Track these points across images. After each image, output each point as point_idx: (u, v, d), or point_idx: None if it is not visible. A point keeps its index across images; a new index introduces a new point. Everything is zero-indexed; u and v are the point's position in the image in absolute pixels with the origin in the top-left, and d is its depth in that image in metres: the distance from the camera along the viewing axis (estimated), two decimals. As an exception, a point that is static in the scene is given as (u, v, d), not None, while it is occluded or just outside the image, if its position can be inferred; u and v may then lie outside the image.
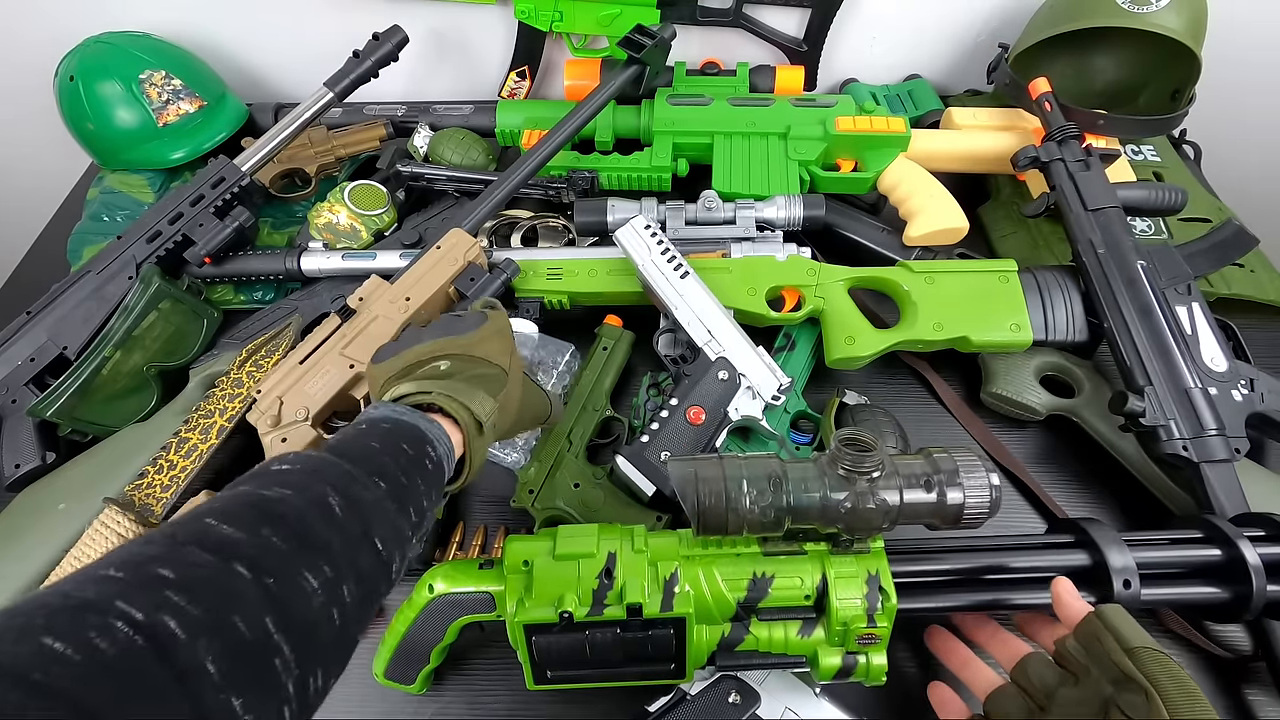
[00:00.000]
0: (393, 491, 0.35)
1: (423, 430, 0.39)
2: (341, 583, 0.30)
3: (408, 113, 0.89)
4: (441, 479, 0.39)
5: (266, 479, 0.32)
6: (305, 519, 0.30)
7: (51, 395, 0.61)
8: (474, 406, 0.42)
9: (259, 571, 0.26)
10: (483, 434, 0.42)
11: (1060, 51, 0.82)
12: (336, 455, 0.35)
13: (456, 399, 0.42)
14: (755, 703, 0.47)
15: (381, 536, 0.33)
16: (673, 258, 0.63)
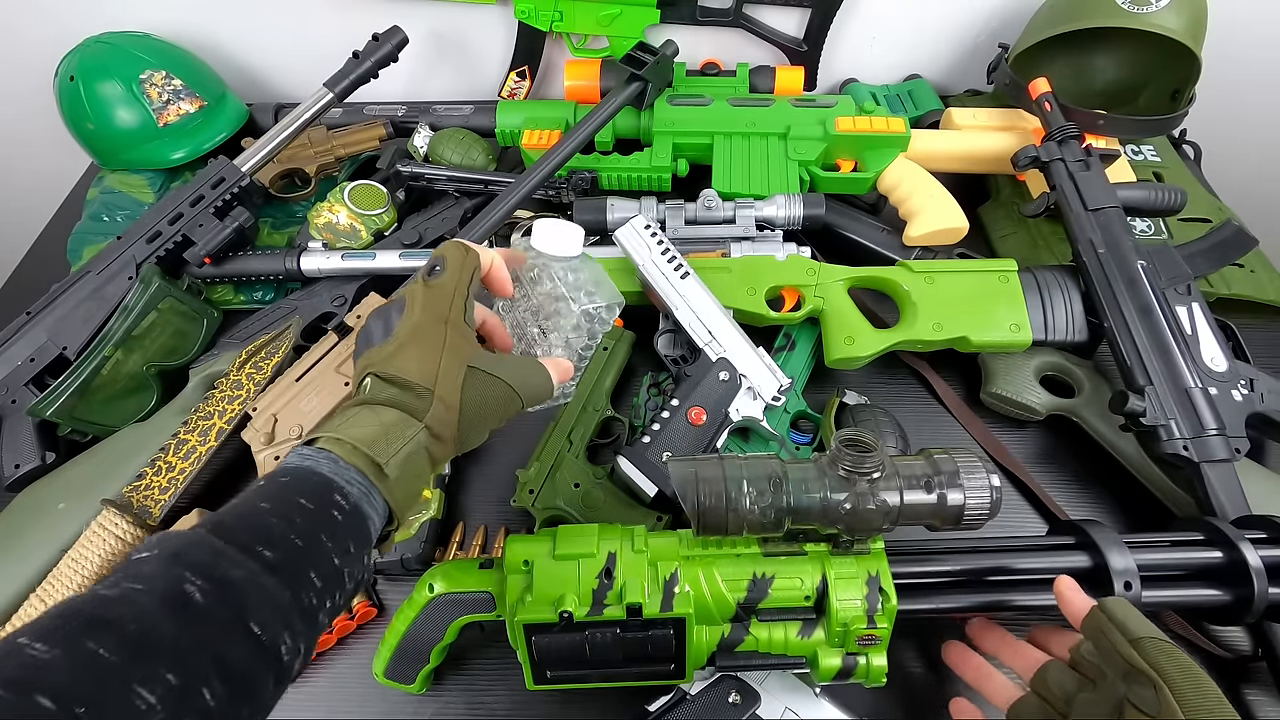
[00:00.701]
0: (280, 561, 0.30)
1: (326, 476, 0.34)
2: (197, 687, 0.25)
3: (408, 113, 0.89)
4: (362, 527, 0.35)
5: (119, 574, 0.27)
6: (147, 618, 0.25)
7: (51, 395, 0.61)
8: (371, 448, 0.36)
9: (67, 700, 0.22)
10: (386, 476, 0.36)
11: (1060, 51, 0.82)
12: (211, 528, 0.30)
13: (346, 440, 0.36)
14: (755, 703, 0.46)
15: (261, 619, 0.28)
16: (673, 258, 0.63)
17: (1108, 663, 0.39)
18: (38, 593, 0.54)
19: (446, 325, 0.41)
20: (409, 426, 0.37)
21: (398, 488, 0.36)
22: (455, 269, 0.43)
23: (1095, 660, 0.40)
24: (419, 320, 0.41)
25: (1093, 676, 0.40)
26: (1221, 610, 0.49)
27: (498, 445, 0.66)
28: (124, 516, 0.55)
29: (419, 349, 0.39)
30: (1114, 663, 0.38)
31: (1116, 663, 0.38)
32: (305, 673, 0.55)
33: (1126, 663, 0.37)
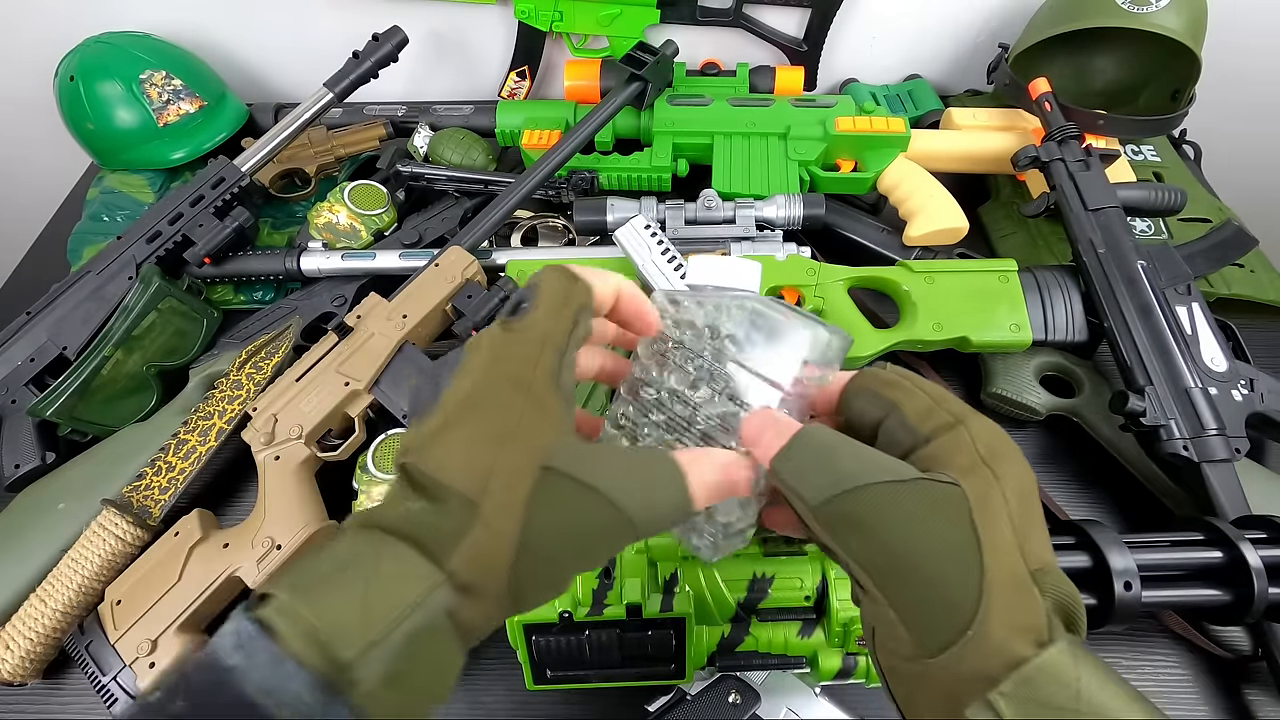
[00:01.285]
0: None
1: (249, 696, 0.20)
2: None
3: (408, 113, 0.89)
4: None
5: None
6: None
7: (51, 395, 0.61)
8: (335, 635, 0.22)
9: None
10: (355, 685, 0.21)
11: (1060, 51, 0.82)
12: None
13: (304, 614, 0.22)
14: (755, 703, 0.46)
15: None
16: (673, 258, 0.63)
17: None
18: (38, 593, 0.54)
19: (524, 394, 0.26)
20: (419, 581, 0.24)
21: (388, 700, 0.22)
22: (551, 305, 0.28)
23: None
24: (479, 384, 0.27)
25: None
26: (1221, 610, 0.49)
27: (498, 445, 0.66)
28: (124, 516, 0.55)
29: (469, 431, 0.26)
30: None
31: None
32: (305, 673, 0.55)
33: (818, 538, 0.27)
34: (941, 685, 0.23)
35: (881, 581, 0.24)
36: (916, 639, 0.24)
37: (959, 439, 0.26)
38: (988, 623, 0.23)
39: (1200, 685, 0.53)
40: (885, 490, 0.25)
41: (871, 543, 0.24)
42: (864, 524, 0.25)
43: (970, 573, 0.23)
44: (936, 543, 0.24)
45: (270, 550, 0.53)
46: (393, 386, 0.61)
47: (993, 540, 0.24)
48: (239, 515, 0.61)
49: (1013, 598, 0.23)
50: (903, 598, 0.24)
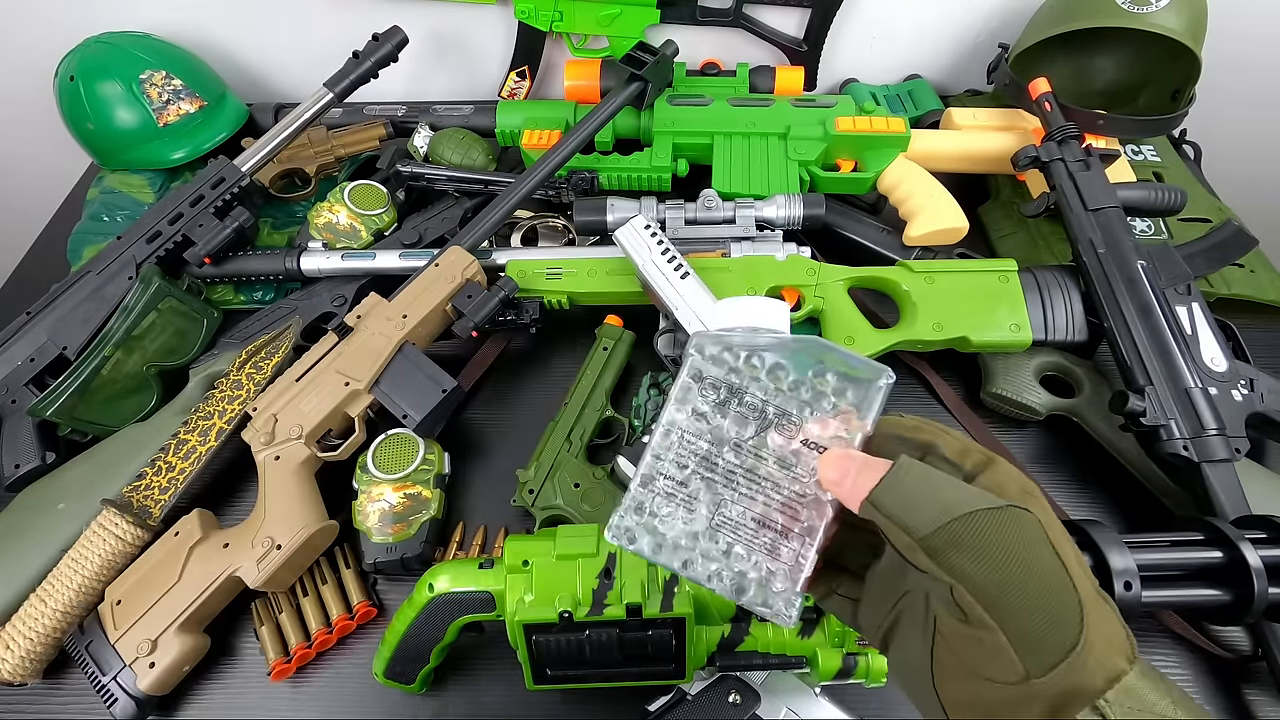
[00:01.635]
0: None
1: None
2: None
3: (408, 113, 0.89)
4: None
5: None
6: None
7: (51, 395, 0.61)
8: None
9: None
10: None
11: (1060, 51, 0.82)
12: None
13: None
14: (755, 703, 0.46)
15: None
16: (673, 257, 0.63)
17: (899, 569, 0.29)
18: (38, 593, 0.54)
19: None
20: None
21: None
22: None
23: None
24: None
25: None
26: (1221, 610, 0.49)
27: (497, 445, 0.66)
28: (124, 516, 0.56)
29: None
30: (904, 570, 0.28)
31: (907, 570, 0.28)
32: (305, 673, 0.55)
33: (916, 567, 0.27)
34: (1042, 705, 0.24)
35: (994, 604, 0.24)
36: (1028, 660, 0.24)
37: (1002, 474, 0.27)
38: (1090, 639, 0.23)
39: (1200, 685, 0.53)
40: (990, 516, 0.25)
41: (984, 567, 0.25)
42: (976, 549, 0.25)
43: (1068, 591, 0.24)
44: (1038, 565, 0.25)
45: (270, 550, 0.53)
46: (393, 386, 0.61)
47: (1070, 561, 0.25)
48: (239, 515, 0.61)
49: (1100, 613, 0.24)
50: (1015, 619, 0.24)
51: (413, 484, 0.58)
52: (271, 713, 0.53)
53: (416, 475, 0.58)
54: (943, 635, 0.26)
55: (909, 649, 0.28)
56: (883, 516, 0.26)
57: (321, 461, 0.60)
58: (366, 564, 0.57)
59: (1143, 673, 0.24)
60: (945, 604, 0.26)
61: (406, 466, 0.58)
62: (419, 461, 0.59)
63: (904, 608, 0.28)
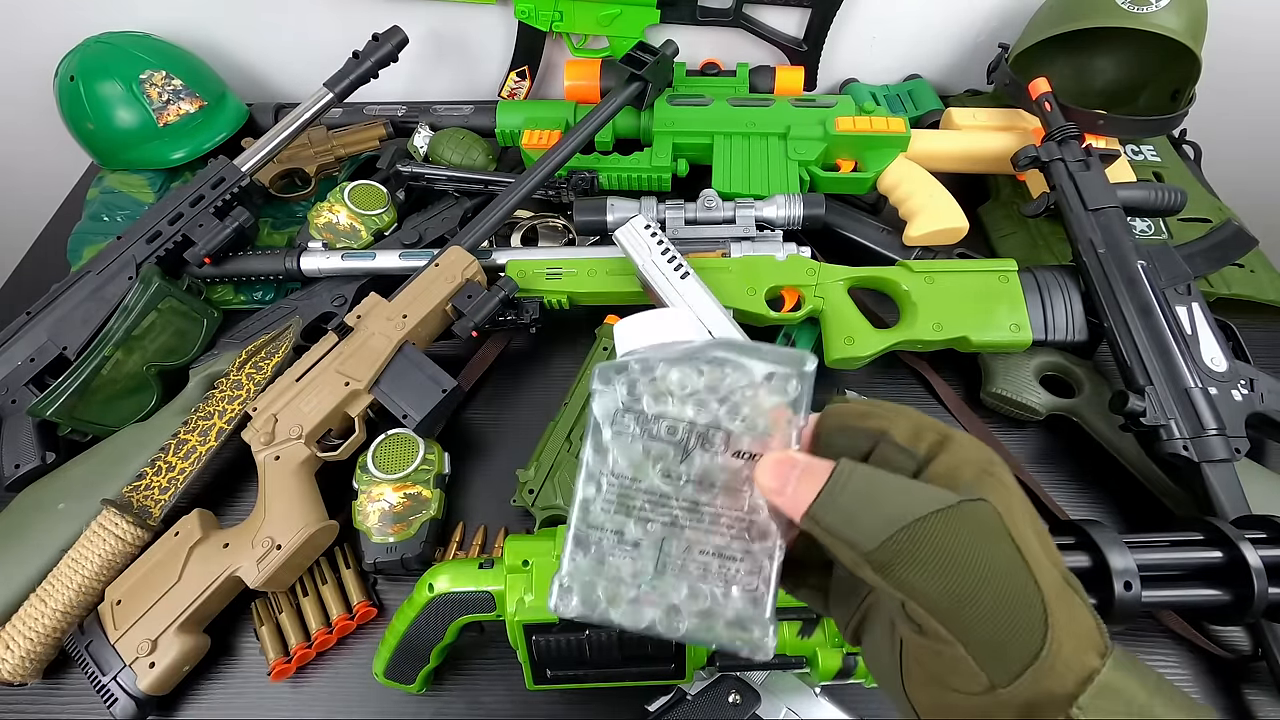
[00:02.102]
0: None
1: None
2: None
3: (408, 113, 0.89)
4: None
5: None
6: None
7: (51, 395, 0.61)
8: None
9: None
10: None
11: (1060, 51, 0.82)
12: None
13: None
14: (755, 703, 0.46)
15: None
16: (673, 258, 0.63)
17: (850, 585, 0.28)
18: (38, 593, 0.54)
19: None
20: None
21: None
22: None
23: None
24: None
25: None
26: (1221, 610, 0.49)
27: (497, 445, 0.66)
28: (124, 516, 0.56)
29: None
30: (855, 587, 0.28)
31: (857, 586, 0.27)
32: (305, 673, 0.55)
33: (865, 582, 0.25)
34: (1011, 712, 0.23)
35: (949, 617, 0.23)
36: (990, 671, 0.22)
37: (959, 453, 0.25)
38: (1057, 640, 0.22)
39: (1200, 685, 0.53)
40: (938, 521, 0.23)
41: (935, 579, 0.23)
42: (924, 561, 0.23)
43: (1029, 592, 0.23)
44: (995, 567, 0.23)
45: (270, 550, 0.53)
46: (393, 386, 0.61)
47: (1032, 553, 0.23)
48: (239, 515, 0.61)
49: (1066, 609, 0.23)
50: (973, 631, 0.23)
51: (413, 484, 0.58)
52: (271, 713, 0.53)
53: (416, 475, 0.58)
54: (908, 647, 0.25)
55: (878, 649, 0.27)
56: (823, 531, 0.24)
57: (321, 461, 0.60)
58: (366, 564, 0.57)
59: (1117, 664, 0.23)
60: (900, 617, 0.24)
61: (406, 466, 0.58)
62: (419, 461, 0.59)
63: (870, 605, 0.27)
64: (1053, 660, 0.22)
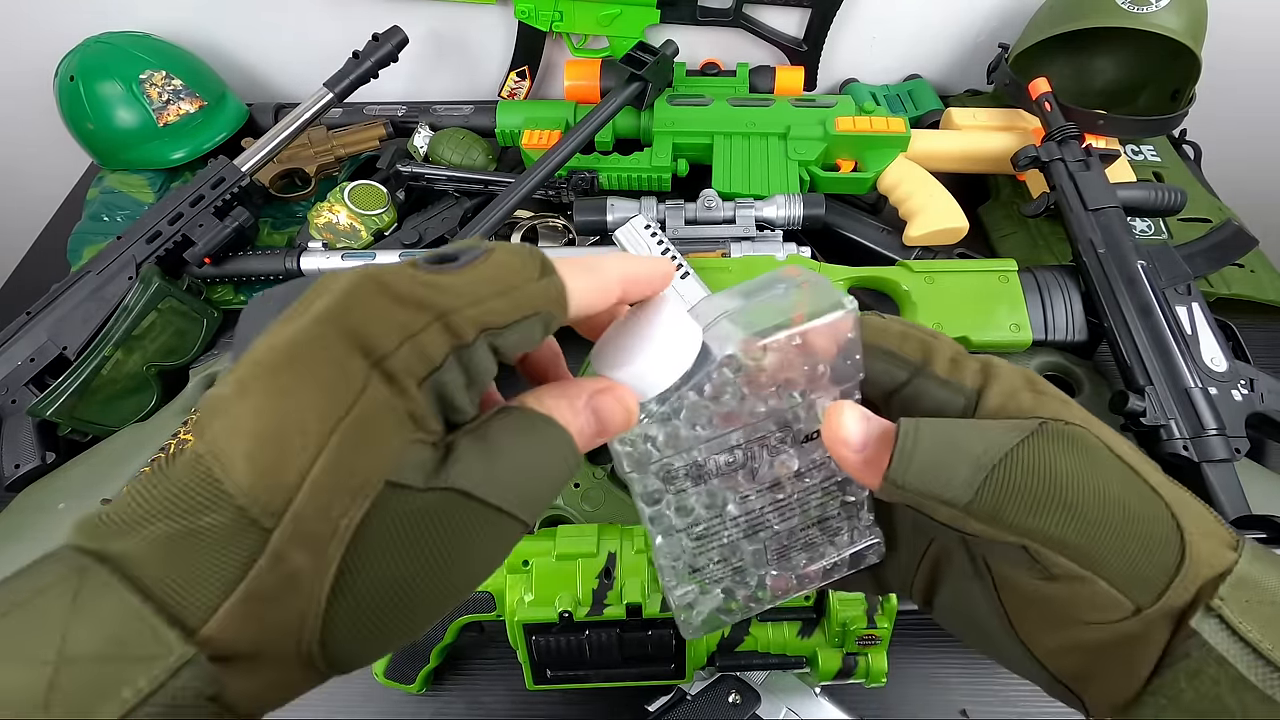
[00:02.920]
0: None
1: None
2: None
3: (408, 113, 0.89)
4: None
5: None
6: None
7: (51, 395, 0.61)
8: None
9: None
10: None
11: (1060, 51, 0.82)
12: None
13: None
14: (755, 703, 0.46)
15: None
16: (673, 258, 0.63)
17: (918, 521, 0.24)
18: (38, 593, 0.54)
19: (375, 368, 0.17)
20: (143, 661, 0.15)
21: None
22: (492, 278, 0.19)
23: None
24: (308, 336, 0.17)
25: None
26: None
27: (498, 445, 0.66)
28: (124, 516, 0.55)
29: (274, 406, 0.17)
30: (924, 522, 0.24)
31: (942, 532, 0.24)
32: (305, 673, 0.55)
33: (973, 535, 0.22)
34: (1159, 628, 0.21)
35: (1081, 552, 0.20)
36: (1135, 595, 0.20)
37: (1006, 379, 0.23)
38: (1194, 546, 0.20)
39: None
40: (1031, 448, 0.20)
41: (1053, 512, 0.20)
42: (1034, 495, 0.20)
43: (1154, 502, 0.21)
44: (1110, 484, 0.21)
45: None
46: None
47: (1136, 461, 0.21)
48: (239, 515, 0.61)
49: (1189, 510, 0.21)
50: (1110, 561, 0.20)
51: (413, 484, 0.58)
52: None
53: (416, 475, 0.58)
54: (1018, 592, 0.22)
55: (965, 603, 0.24)
56: (910, 494, 0.21)
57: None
58: (366, 564, 0.57)
59: (1254, 556, 0.21)
60: (1018, 564, 0.21)
61: (406, 466, 0.58)
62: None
63: (938, 557, 0.25)
64: (1195, 565, 0.20)
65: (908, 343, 0.24)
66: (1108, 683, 0.22)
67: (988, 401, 0.23)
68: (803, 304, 0.22)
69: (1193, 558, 0.20)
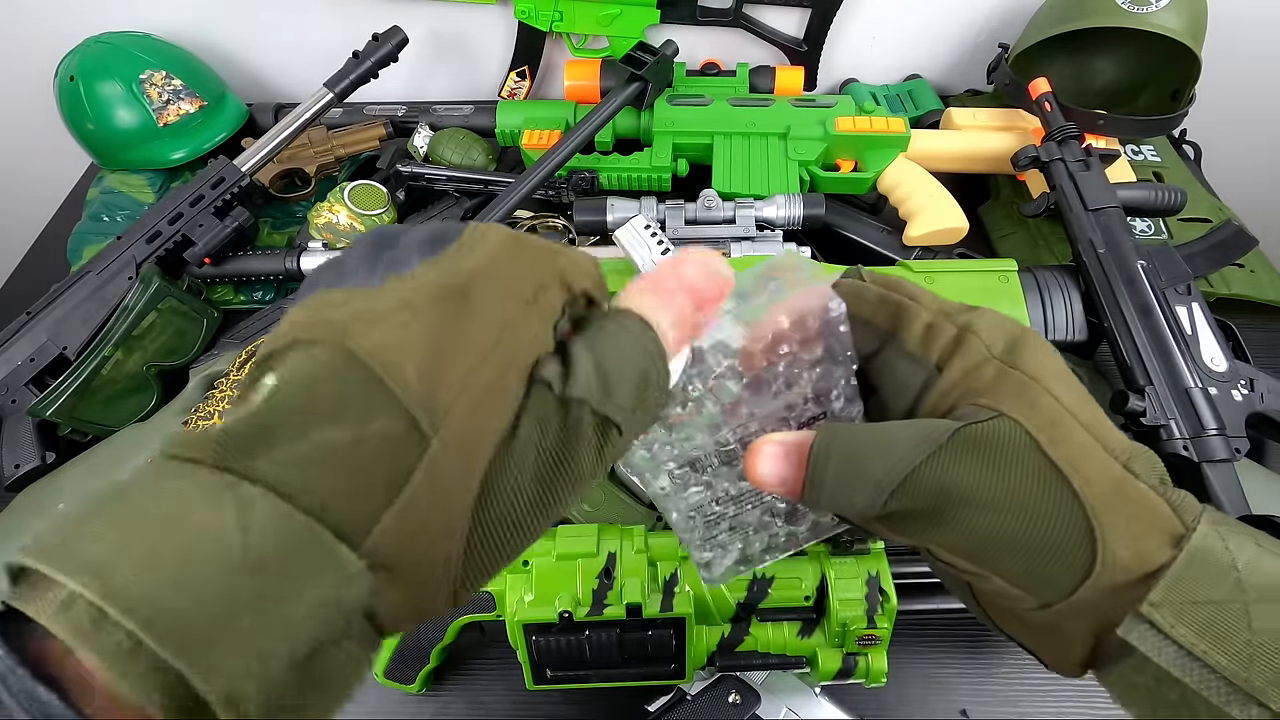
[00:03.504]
0: None
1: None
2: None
3: (408, 113, 0.89)
4: None
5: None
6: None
7: (51, 395, 0.61)
8: (183, 644, 0.13)
9: None
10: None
11: (1060, 51, 0.82)
12: None
13: (111, 608, 0.13)
14: (755, 703, 0.46)
15: None
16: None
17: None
18: (38, 593, 0.54)
19: (520, 310, 0.19)
20: (320, 576, 0.15)
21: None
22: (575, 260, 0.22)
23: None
24: (462, 279, 0.19)
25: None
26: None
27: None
28: (124, 516, 0.55)
29: (443, 324, 0.18)
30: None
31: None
32: (305, 673, 0.55)
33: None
34: (1082, 619, 0.21)
35: (977, 560, 0.21)
36: (1039, 593, 0.21)
37: (972, 352, 0.22)
38: (1110, 551, 0.20)
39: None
40: (932, 467, 0.21)
41: (948, 529, 0.21)
42: (930, 513, 0.21)
43: (1068, 509, 0.20)
44: (1018, 493, 0.21)
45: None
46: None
47: (1071, 456, 0.21)
48: (239, 515, 0.61)
49: (1124, 509, 0.20)
50: (1004, 564, 0.21)
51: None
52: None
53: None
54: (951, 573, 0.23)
55: (945, 576, 0.24)
56: (822, 508, 0.23)
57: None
58: (366, 564, 0.57)
59: (1208, 535, 0.20)
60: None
61: (406, 466, 0.58)
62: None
63: None
64: (1109, 571, 0.20)
65: (881, 310, 0.24)
66: (1048, 654, 0.23)
67: (945, 379, 0.23)
68: (790, 292, 0.24)
69: (1105, 562, 0.20)
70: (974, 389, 0.22)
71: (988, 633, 0.55)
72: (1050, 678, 0.53)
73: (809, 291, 0.24)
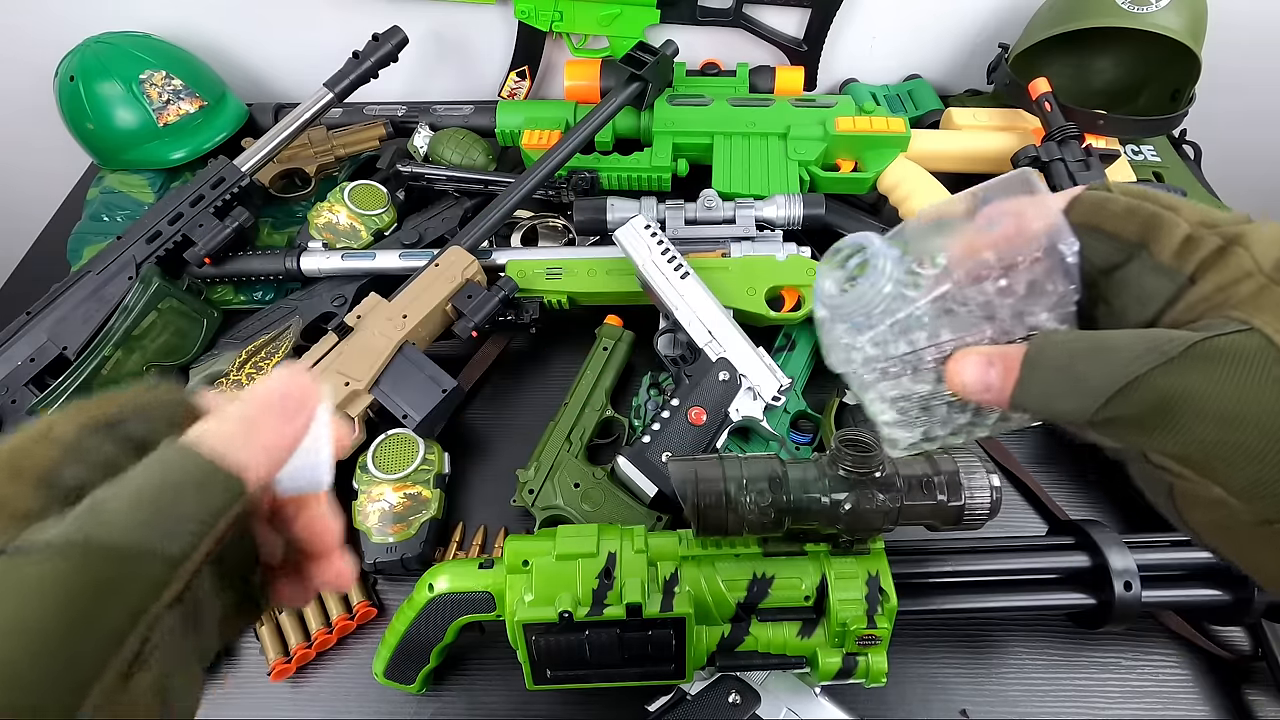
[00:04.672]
0: None
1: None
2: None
3: (408, 113, 0.89)
4: None
5: None
6: None
7: (51, 395, 0.61)
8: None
9: None
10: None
11: (1060, 51, 0.82)
12: None
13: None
14: (755, 703, 0.46)
15: None
16: (673, 258, 0.63)
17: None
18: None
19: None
20: None
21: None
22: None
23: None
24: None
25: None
26: (1221, 610, 0.49)
27: (498, 445, 0.66)
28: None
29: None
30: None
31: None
32: (305, 673, 0.55)
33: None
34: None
35: (1199, 469, 0.20)
36: (1260, 511, 0.20)
37: (1234, 265, 0.21)
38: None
39: (1200, 685, 0.53)
40: (1162, 377, 0.20)
41: (1170, 436, 0.20)
42: (1151, 420, 0.20)
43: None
44: (1260, 409, 0.19)
45: (270, 550, 0.53)
46: (393, 386, 0.61)
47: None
48: (239, 515, 0.61)
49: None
50: (1233, 479, 0.20)
51: (413, 484, 0.58)
52: (272, 713, 0.53)
53: (416, 475, 0.58)
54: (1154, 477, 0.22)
55: (1142, 475, 0.24)
56: (1034, 414, 0.23)
57: (321, 461, 0.60)
58: (366, 564, 0.57)
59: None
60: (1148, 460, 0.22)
61: (406, 466, 0.58)
62: (419, 461, 0.59)
63: None
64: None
65: (1130, 221, 0.23)
66: (1261, 572, 0.22)
67: (1196, 290, 0.22)
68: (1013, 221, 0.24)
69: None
70: (1227, 302, 0.21)
71: (988, 633, 0.55)
72: (1050, 678, 0.53)
73: (1039, 217, 0.24)
